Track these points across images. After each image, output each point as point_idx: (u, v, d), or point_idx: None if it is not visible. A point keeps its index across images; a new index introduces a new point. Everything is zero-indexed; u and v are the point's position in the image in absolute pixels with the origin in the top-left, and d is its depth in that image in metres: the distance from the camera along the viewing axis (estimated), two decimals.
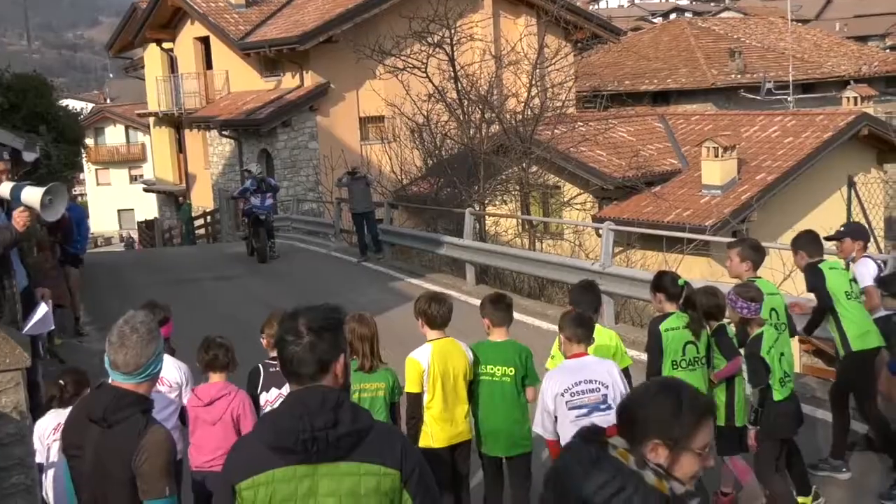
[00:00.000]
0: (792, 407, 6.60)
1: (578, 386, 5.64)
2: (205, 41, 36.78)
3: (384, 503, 3.19)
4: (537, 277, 16.84)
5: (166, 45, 39.59)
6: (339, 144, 29.94)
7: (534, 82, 23.12)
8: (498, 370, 6.22)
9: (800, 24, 51.65)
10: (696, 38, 38.76)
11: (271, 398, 6.29)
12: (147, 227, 44.80)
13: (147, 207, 54.19)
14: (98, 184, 69.37)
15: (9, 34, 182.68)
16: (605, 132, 24.66)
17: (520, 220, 22.54)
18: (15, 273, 6.58)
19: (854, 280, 7.70)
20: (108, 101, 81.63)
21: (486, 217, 21.35)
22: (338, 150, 28.74)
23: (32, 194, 6.14)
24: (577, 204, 23.71)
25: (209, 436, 6.13)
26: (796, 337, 8.01)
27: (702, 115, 29.75)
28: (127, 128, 68.39)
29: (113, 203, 68.67)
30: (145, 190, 47.74)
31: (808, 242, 7.82)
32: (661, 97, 35.72)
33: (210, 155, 35.91)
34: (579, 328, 5.80)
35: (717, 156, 23.01)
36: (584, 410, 5.60)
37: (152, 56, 41.05)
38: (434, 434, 6.13)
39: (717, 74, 35.39)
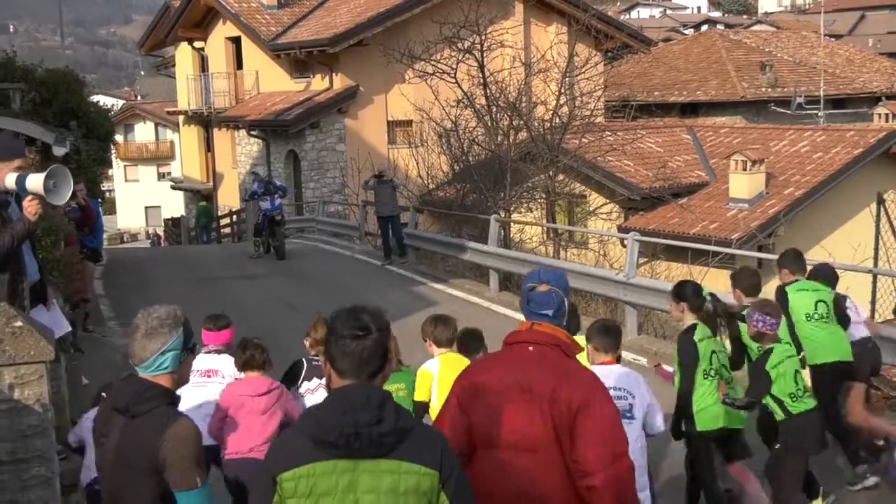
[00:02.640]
0: (807, 423, 6.61)
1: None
2: (236, 41, 36.99)
3: (422, 503, 3.24)
4: None
5: (198, 44, 39.85)
6: (366, 147, 30.02)
7: (563, 90, 23.08)
8: None
9: (832, 38, 51.31)
10: (728, 51, 38.58)
11: (312, 387, 6.67)
12: (173, 224, 45.07)
13: (174, 205, 54.52)
14: (126, 180, 69.83)
15: (42, 30, 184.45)
16: (632, 142, 24.58)
17: (545, 228, 22.50)
18: (26, 266, 6.59)
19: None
20: (139, 98, 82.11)
21: (512, 224, 21.33)
22: (365, 153, 28.81)
23: (35, 181, 6.15)
24: (602, 213, 23.64)
25: (254, 426, 6.31)
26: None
27: (731, 127, 29.61)
28: (156, 125, 68.79)
29: (140, 200, 69.10)
30: (173, 187, 48.03)
31: (791, 261, 8.11)
32: (691, 109, 35.59)
33: (238, 154, 36.09)
34: (606, 337, 5.93)
35: (745, 169, 22.90)
36: (629, 416, 5.66)
37: (183, 55, 41.33)
38: None
39: (747, 87, 35.22)
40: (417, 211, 23.08)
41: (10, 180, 6.23)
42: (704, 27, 75.06)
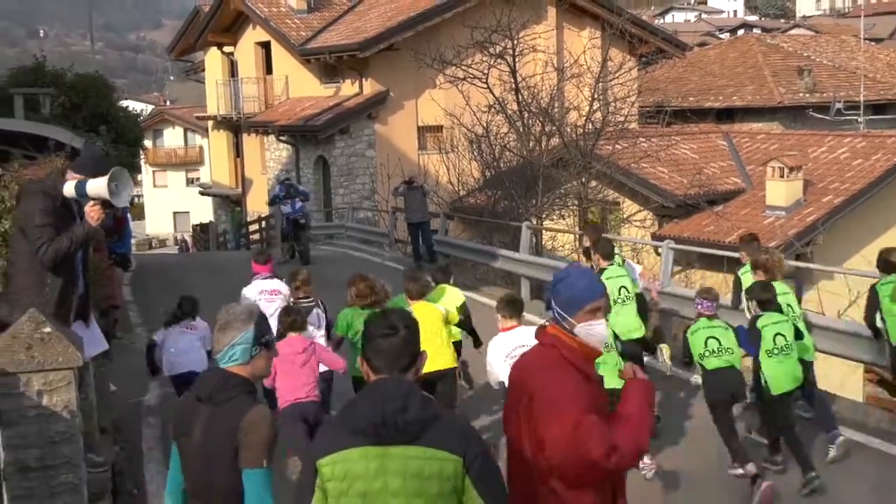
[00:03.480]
0: (719, 377, 8.35)
1: (515, 350, 6.97)
2: (265, 46, 37.20)
3: (446, 486, 3.54)
4: None
5: (227, 49, 40.09)
6: (396, 153, 30.08)
7: (596, 96, 23.05)
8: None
9: (872, 42, 50.92)
10: (765, 55, 38.36)
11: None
12: (202, 230, 45.32)
13: (203, 210, 54.87)
14: (155, 185, 70.36)
15: (72, 34, 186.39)
16: (667, 149, 24.47)
17: (577, 236, 22.45)
18: (79, 276, 6.62)
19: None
20: (168, 103, 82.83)
21: (544, 231, 21.29)
22: (395, 159, 28.89)
23: (98, 184, 6.20)
24: (636, 221, 23.55)
25: (300, 376, 8.00)
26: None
27: (768, 133, 29.41)
28: (185, 130, 69.27)
29: (169, 205, 69.60)
30: (201, 193, 48.31)
31: (747, 244, 9.88)
32: (726, 114, 35.39)
33: (267, 160, 36.26)
34: (511, 307, 7.76)
35: (782, 176, 22.72)
36: (513, 359, 6.79)
37: (213, 60, 41.59)
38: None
39: (784, 93, 34.99)
40: (448, 217, 23.08)
41: (69, 188, 6.27)
42: (741, 31, 74.68)
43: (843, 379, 12.52)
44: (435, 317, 8.68)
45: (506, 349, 7.29)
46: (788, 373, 8.05)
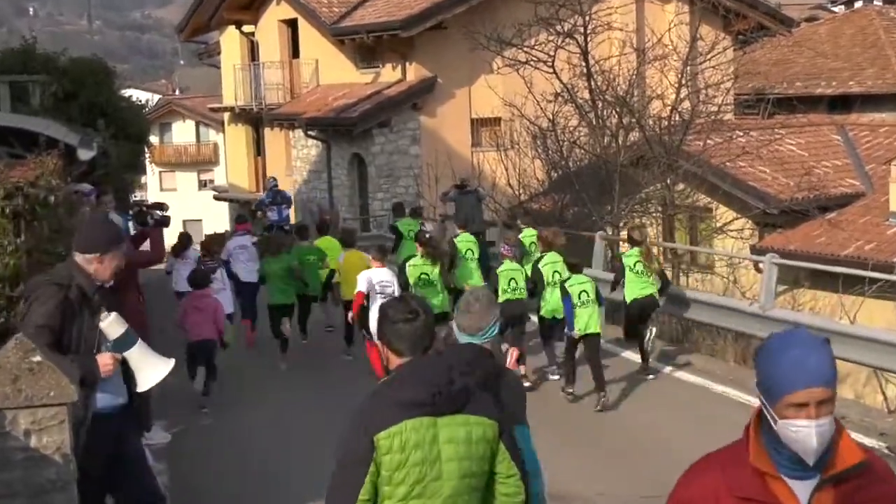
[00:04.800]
0: (503, 306, 10.96)
1: (381, 282, 13.36)
2: (292, 24, 37.47)
3: (488, 450, 4.55)
4: (681, 319, 16.64)
5: (247, 28, 40.42)
6: (445, 150, 30.11)
7: (684, 82, 22.94)
8: None
9: None
10: (888, 32, 37.90)
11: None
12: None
13: (217, 218, 55.23)
14: (162, 189, 70.84)
15: (67, 12, 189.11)
16: (769, 144, 24.28)
17: (661, 249, 22.34)
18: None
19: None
20: (177, 92, 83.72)
21: (621, 243, 21.20)
22: (444, 157, 28.89)
23: (146, 366, 6.18)
24: (732, 231, 23.37)
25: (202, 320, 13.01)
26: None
27: (892, 126, 29.08)
28: (197, 124, 69.87)
29: (178, 212, 70.01)
30: (216, 198, 48.72)
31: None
32: (841, 103, 35.01)
33: (293, 159, 36.51)
34: (379, 252, 13.87)
35: None
36: (384, 294, 12.89)
37: (230, 41, 41.96)
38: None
39: None
40: (507, 227, 23.05)
41: (113, 328, 6.17)
42: (858, 3, 73.94)
43: None
44: (362, 262, 14.73)
45: (375, 280, 13.43)
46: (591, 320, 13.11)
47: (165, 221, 12.39)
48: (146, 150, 28.88)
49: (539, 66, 22.96)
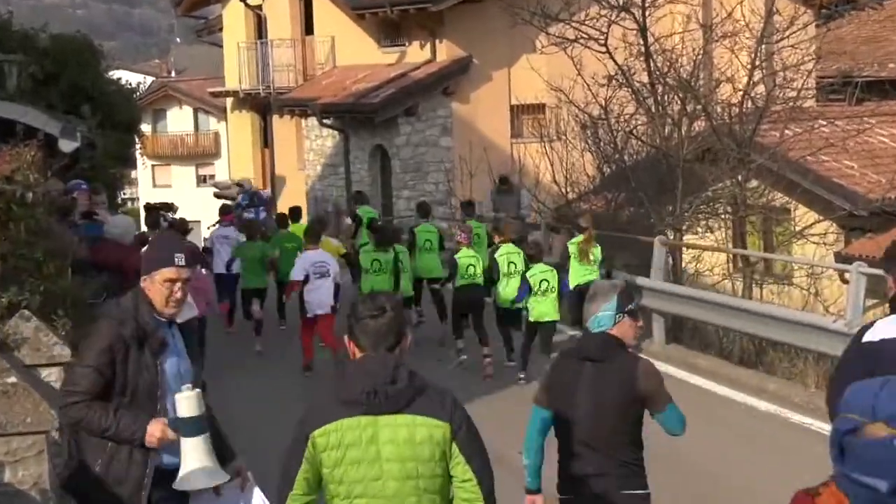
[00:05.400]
0: (462, 292, 17.01)
1: (316, 265, 16.10)
2: None
3: (436, 452, 4.95)
4: (754, 337, 16.57)
5: (253, 1, 40.53)
6: (481, 141, 30.10)
7: (758, 63, 22.83)
8: None
9: None
10: None
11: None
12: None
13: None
14: (155, 185, 71.06)
15: None
16: (857, 135, 24.17)
17: (731, 256, 22.22)
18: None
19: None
20: (173, 73, 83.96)
21: (684, 249, 21.14)
22: (479, 150, 28.86)
23: (196, 464, 5.90)
24: (813, 236, 23.25)
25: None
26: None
27: None
28: (196, 111, 70.09)
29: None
30: (217, 195, 48.86)
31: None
32: None
33: (306, 151, 36.61)
34: (311, 235, 17.05)
35: None
36: (319, 275, 16.02)
37: (234, 15, 42.12)
38: None
39: None
40: (552, 230, 23.03)
41: (187, 407, 5.90)
42: None
43: None
44: (333, 248, 18.84)
45: (310, 262, 16.26)
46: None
47: (180, 225, 12.65)
48: (137, 140, 29.00)
49: (590, 44, 22.89)
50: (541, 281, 15.79)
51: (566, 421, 6.59)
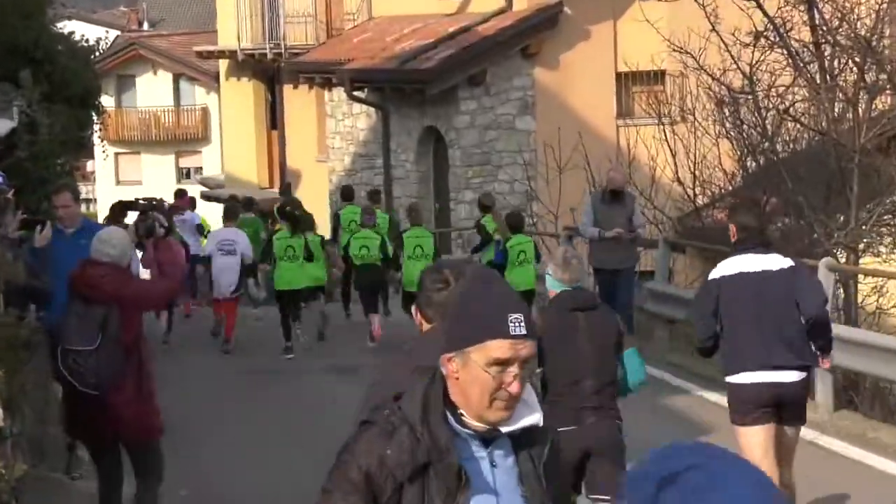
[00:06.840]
0: (361, 271, 25.16)
1: (223, 241, 25.50)
2: None
3: None
4: None
5: None
6: (574, 123, 30.13)
7: None
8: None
9: None
10: None
11: None
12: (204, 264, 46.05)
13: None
14: (119, 181, 71.39)
15: None
16: None
17: None
18: None
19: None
20: (146, 26, 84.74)
21: (862, 277, 21.06)
22: (573, 135, 28.85)
23: None
24: None
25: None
26: None
27: None
28: (176, 78, 70.57)
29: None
30: (205, 196, 49.14)
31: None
32: None
33: (330, 135, 36.73)
34: (231, 213, 26.87)
35: None
36: (224, 251, 24.97)
37: None
38: None
39: None
40: (673, 248, 23.02)
41: None
42: None
43: None
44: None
45: (217, 239, 25.32)
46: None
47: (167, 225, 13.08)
48: (95, 118, 29.07)
49: None
50: (519, 252, 21.61)
51: (565, 362, 10.01)
